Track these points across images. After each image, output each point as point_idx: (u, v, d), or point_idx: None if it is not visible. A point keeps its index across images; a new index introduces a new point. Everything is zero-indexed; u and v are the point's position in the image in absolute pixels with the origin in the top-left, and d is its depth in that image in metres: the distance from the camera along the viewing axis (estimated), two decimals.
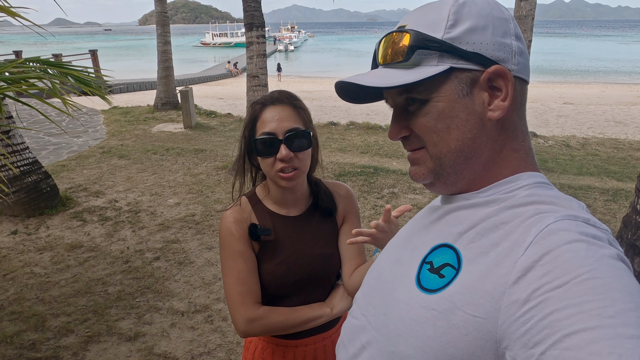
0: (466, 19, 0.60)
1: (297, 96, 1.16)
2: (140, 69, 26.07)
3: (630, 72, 26.99)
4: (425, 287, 0.61)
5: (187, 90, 8.71)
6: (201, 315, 2.91)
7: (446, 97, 0.61)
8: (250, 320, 1.10)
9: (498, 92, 0.61)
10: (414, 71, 0.61)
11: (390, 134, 0.69)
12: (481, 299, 0.53)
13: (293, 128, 1.08)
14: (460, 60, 0.60)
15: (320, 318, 1.17)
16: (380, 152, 7.18)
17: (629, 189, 5.32)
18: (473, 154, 0.63)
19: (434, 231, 0.67)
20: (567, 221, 0.53)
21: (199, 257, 3.68)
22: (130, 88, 16.96)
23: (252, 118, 1.12)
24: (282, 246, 1.17)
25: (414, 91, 0.62)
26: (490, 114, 0.61)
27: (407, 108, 0.65)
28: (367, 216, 4.44)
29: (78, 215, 4.51)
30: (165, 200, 4.96)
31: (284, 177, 1.09)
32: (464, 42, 0.59)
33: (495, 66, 0.60)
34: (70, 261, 3.61)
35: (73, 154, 6.99)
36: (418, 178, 0.68)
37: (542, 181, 0.64)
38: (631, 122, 10.34)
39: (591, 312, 0.43)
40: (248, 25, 5.67)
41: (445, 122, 0.61)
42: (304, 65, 37.79)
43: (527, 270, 0.50)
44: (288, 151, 1.07)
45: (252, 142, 1.11)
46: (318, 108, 12.03)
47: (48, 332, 2.74)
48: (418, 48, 0.60)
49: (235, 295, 1.12)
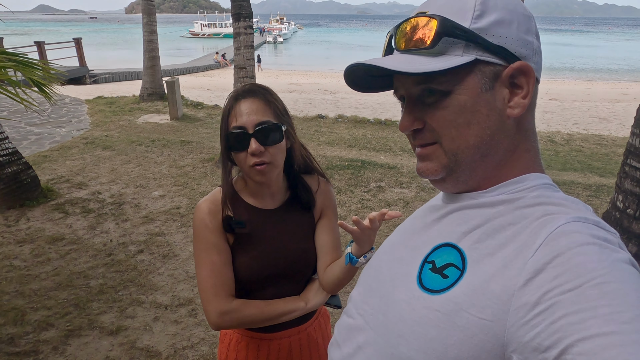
0: (493, 11, 0.58)
1: (270, 89, 1.14)
2: (126, 58, 25.60)
3: (614, 70, 27.40)
4: (427, 287, 0.59)
5: (174, 81, 8.58)
6: (185, 308, 2.89)
7: (469, 90, 0.58)
8: (223, 313, 1.09)
9: (518, 90, 0.59)
10: (439, 59, 0.58)
11: (402, 126, 0.64)
12: (488, 301, 0.52)
13: (263, 121, 1.06)
14: (485, 52, 0.57)
15: (295, 312, 1.17)
16: (368, 145, 7.18)
17: (610, 184, 5.42)
18: (489, 152, 0.60)
19: (436, 230, 0.66)
20: (578, 223, 0.52)
21: (184, 250, 3.65)
22: (115, 78, 16.69)
23: (225, 112, 1.11)
24: (256, 239, 1.15)
25: (435, 81, 0.59)
26: (510, 111, 0.59)
27: (423, 99, 0.61)
28: (354, 210, 4.45)
29: (60, 207, 4.43)
30: (150, 192, 4.90)
31: (258, 169, 1.08)
32: (490, 34, 0.57)
33: (519, 62, 0.58)
34: (51, 254, 3.55)
35: (55, 144, 6.84)
36: (428, 174, 0.64)
37: (549, 183, 0.62)
38: (615, 119, 10.52)
39: (605, 317, 0.42)
40: (235, 15, 5.58)
41: (465, 117, 0.59)
42: (293, 57, 37.56)
43: (537, 272, 0.49)
44: (258, 145, 1.05)
45: (226, 137, 1.10)
46: (307, 101, 11.97)
47: (27, 326, 2.68)
48: (445, 35, 0.57)
49: (208, 287, 1.10)
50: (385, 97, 13.19)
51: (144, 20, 10.23)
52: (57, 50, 14.78)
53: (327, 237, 1.22)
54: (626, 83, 19.93)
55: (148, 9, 10.21)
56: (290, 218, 1.20)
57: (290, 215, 1.20)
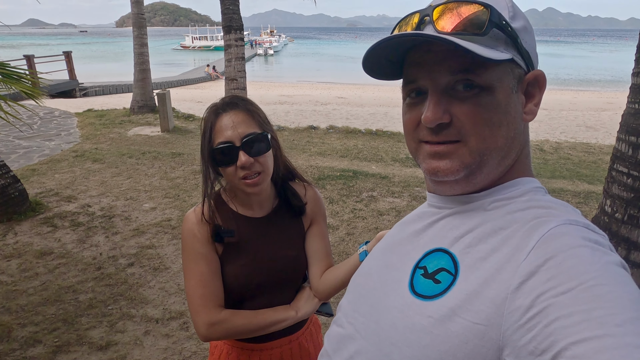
0: (520, 16, 0.58)
1: (249, 99, 1.14)
2: (116, 71, 25.54)
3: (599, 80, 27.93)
4: (419, 293, 0.58)
5: (165, 93, 8.57)
6: (176, 322, 2.84)
7: (505, 89, 0.57)
8: (212, 324, 1.08)
9: (530, 97, 0.60)
10: (488, 49, 0.54)
11: (431, 118, 0.56)
12: (482, 306, 0.51)
13: (249, 133, 1.06)
14: (518, 54, 0.58)
15: (285, 321, 1.15)
16: (360, 155, 7.21)
17: (598, 191, 5.48)
18: (507, 154, 0.60)
19: (427, 236, 0.65)
20: (568, 226, 0.52)
21: (175, 262, 3.61)
22: (106, 91, 16.62)
23: (206, 128, 1.09)
24: (246, 248, 1.14)
25: (475, 73, 0.55)
26: (525, 117, 0.60)
27: (454, 92, 0.57)
28: (346, 219, 4.44)
29: (48, 220, 4.36)
30: (140, 204, 4.85)
31: (249, 183, 1.07)
32: (521, 37, 0.57)
33: (538, 70, 0.59)
34: (39, 268, 3.48)
35: (44, 157, 6.77)
36: (447, 174, 0.59)
37: (539, 186, 0.63)
38: (601, 127, 10.69)
39: (598, 319, 0.42)
40: (226, 27, 5.63)
41: (499, 117, 0.57)
42: (284, 69, 37.75)
43: (530, 275, 0.48)
44: (247, 157, 1.04)
45: (211, 153, 1.08)
46: (298, 112, 12.01)
47: (14, 342, 2.62)
48: (496, 26, 0.55)
49: (196, 298, 1.09)
50: (376, 108, 13.31)
51: (135, 33, 10.25)
52: (46, 63, 14.69)
53: (319, 244, 1.22)
54: (611, 92, 20.29)
55: (139, 22, 10.24)
56: (279, 225, 1.19)
57: (280, 223, 1.20)
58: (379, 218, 4.47)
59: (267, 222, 1.18)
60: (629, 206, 2.63)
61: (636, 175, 2.55)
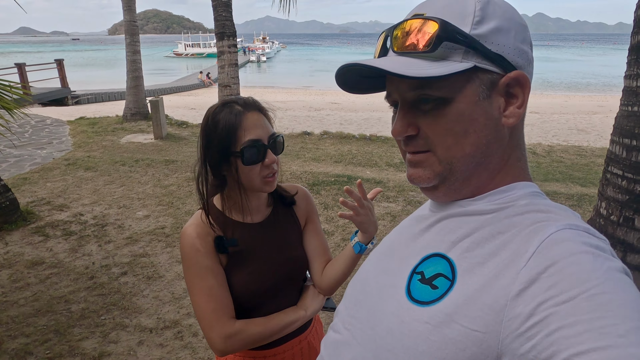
0: (492, 18, 0.56)
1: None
2: (109, 79, 25.43)
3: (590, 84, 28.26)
4: (416, 298, 0.57)
5: (158, 100, 8.54)
6: (171, 331, 2.80)
7: (467, 98, 0.57)
8: (228, 337, 1.06)
9: (513, 99, 0.59)
10: (439, 64, 0.55)
11: (396, 131, 0.61)
12: (480, 312, 0.50)
13: (274, 133, 1.10)
14: (484, 60, 0.56)
15: (297, 322, 1.16)
16: (354, 161, 7.21)
17: (592, 194, 5.52)
18: (484, 160, 0.60)
19: (424, 240, 0.64)
20: (569, 230, 0.51)
21: (169, 270, 3.56)
22: (98, 98, 16.54)
23: (231, 127, 1.04)
24: (251, 254, 1.13)
25: (432, 88, 0.57)
26: (505, 121, 0.59)
27: (418, 105, 0.59)
28: (341, 225, 4.42)
29: (40, 230, 4.30)
30: (133, 212, 4.80)
31: (269, 181, 1.09)
32: (489, 41, 0.56)
33: (516, 72, 0.57)
34: (31, 279, 3.43)
35: (36, 166, 6.70)
36: (420, 181, 0.62)
37: (537, 191, 0.62)
38: (592, 130, 10.79)
39: (601, 330, 0.41)
40: (219, 34, 5.62)
41: (463, 125, 0.57)
42: (277, 75, 37.83)
43: (530, 282, 0.47)
44: (273, 156, 1.08)
45: (238, 152, 1.04)
46: (292, 118, 12.02)
47: (5, 355, 2.56)
48: (446, 39, 0.55)
49: (208, 313, 1.06)
50: (370, 113, 13.34)
51: (127, 40, 10.23)
52: (38, 71, 14.59)
53: (316, 240, 1.24)
54: (602, 96, 20.53)
55: (131, 29, 10.23)
56: (278, 228, 1.19)
57: (278, 225, 1.20)
58: None
59: (266, 227, 1.18)
60: (624, 208, 2.64)
61: (631, 177, 2.56)
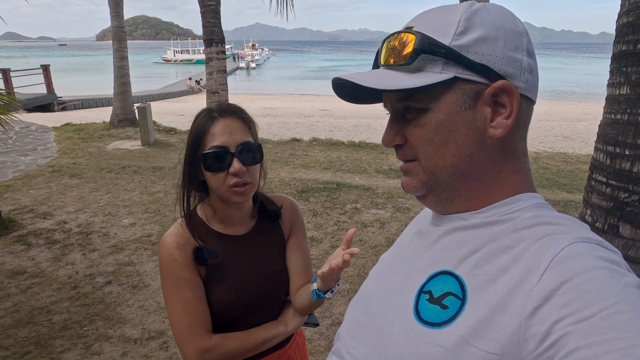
0: (477, 27, 0.55)
1: (244, 109, 1.12)
2: (96, 85, 25.18)
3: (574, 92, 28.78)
4: (426, 320, 0.55)
5: (145, 107, 8.46)
6: (155, 342, 2.74)
7: (447, 108, 0.56)
8: (204, 352, 1.02)
9: (502, 109, 0.57)
10: (415, 76, 0.56)
11: (384, 140, 0.63)
12: (495, 333, 0.48)
13: (245, 141, 1.05)
14: (466, 70, 0.55)
15: (276, 337, 1.13)
16: (343, 167, 7.21)
17: (577, 200, 5.59)
18: (470, 171, 0.58)
19: (430, 257, 0.61)
20: (582, 244, 0.49)
21: (155, 279, 3.50)
22: (85, 104, 16.35)
23: (199, 131, 1.05)
24: (231, 268, 1.10)
25: (414, 98, 0.58)
26: (492, 131, 0.57)
27: (404, 115, 0.61)
28: (330, 232, 4.40)
29: (22, 238, 4.20)
30: (119, 220, 4.73)
31: (238, 191, 1.04)
32: (472, 51, 0.55)
33: (501, 81, 0.56)
34: (11, 289, 3.34)
35: (19, 173, 6.57)
36: (410, 189, 0.63)
37: (542, 202, 0.60)
38: (577, 137, 10.97)
39: (621, 351, 0.39)
40: (207, 41, 5.60)
41: (443, 135, 0.57)
42: (266, 82, 37.84)
43: (545, 299, 0.45)
44: (241, 165, 1.03)
45: (201, 157, 1.04)
46: (281, 124, 12.00)
47: None
48: (422, 52, 0.55)
49: (184, 326, 1.03)
50: (359, 120, 13.40)
51: (115, 46, 10.17)
52: (23, 77, 14.37)
53: (296, 256, 1.20)
54: (586, 103, 20.91)
55: (119, 35, 10.18)
56: (261, 241, 1.17)
57: (262, 238, 1.17)
58: (363, 230, 4.45)
59: (249, 239, 1.15)
60: (609, 215, 2.66)
61: (615, 184, 2.59)
